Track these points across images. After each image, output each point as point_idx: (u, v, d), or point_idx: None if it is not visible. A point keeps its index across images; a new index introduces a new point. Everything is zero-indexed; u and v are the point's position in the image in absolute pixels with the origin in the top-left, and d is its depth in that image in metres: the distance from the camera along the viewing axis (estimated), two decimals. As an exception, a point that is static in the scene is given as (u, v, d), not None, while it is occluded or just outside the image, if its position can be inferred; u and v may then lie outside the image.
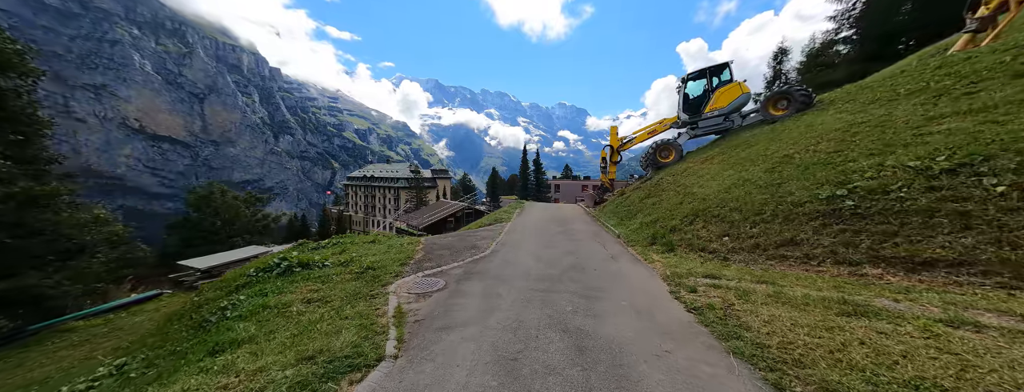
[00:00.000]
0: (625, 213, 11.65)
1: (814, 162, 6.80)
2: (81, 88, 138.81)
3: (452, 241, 9.73)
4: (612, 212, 13.02)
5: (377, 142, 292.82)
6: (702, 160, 11.35)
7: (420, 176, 62.47)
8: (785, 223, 5.82)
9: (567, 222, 12.48)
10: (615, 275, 5.85)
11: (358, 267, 6.61)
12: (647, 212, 10.22)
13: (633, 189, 13.96)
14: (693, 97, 14.45)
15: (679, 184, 10.46)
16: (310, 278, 6.11)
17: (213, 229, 23.82)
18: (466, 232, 11.67)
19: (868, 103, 8.57)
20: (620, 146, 16.91)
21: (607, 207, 14.42)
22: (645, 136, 16.47)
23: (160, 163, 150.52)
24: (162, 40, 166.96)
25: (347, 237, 10.92)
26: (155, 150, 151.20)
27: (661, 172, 13.41)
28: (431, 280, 5.89)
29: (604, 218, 12.51)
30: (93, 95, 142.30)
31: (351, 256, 7.61)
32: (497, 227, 11.92)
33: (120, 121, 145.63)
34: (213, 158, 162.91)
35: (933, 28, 17.86)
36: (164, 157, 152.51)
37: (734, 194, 7.48)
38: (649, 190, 11.99)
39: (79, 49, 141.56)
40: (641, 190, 12.87)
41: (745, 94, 13.16)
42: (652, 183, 12.59)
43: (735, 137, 12.25)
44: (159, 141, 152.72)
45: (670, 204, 9.57)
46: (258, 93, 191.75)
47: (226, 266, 16.29)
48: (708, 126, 14.06)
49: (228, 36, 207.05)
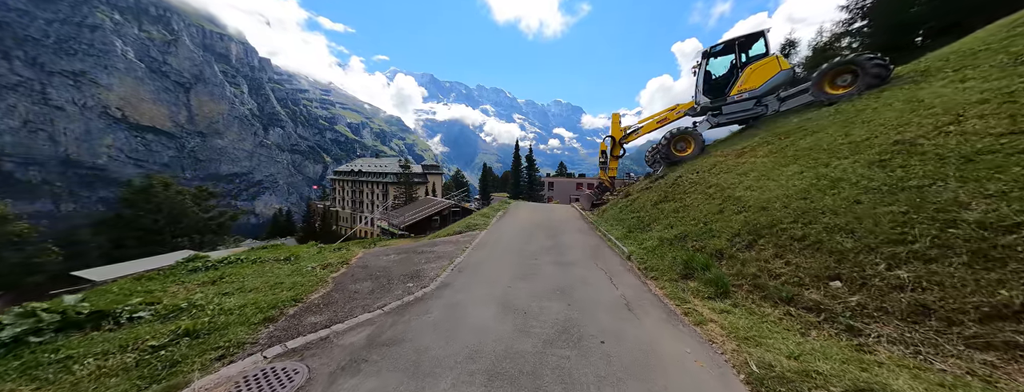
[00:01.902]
0: (634, 221, 8.72)
1: (977, 151, 3.91)
2: (59, 74, 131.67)
3: (391, 263, 6.69)
4: (615, 218, 10.10)
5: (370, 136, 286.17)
6: (737, 153, 8.44)
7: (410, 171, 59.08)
8: (978, 263, 2.92)
9: (558, 231, 9.51)
10: (642, 360, 2.90)
11: (175, 328, 3.57)
12: (667, 222, 7.31)
13: (641, 189, 11.04)
14: (716, 76, 11.49)
15: (709, 184, 7.55)
16: (42, 363, 3.04)
17: (154, 228, 20.36)
18: (422, 244, 8.64)
19: (999, 68, 5.70)
20: (623, 137, 13.93)
21: (608, 211, 11.50)
22: (653, 125, 13.52)
23: (144, 154, 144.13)
24: (145, 26, 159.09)
25: (253, 252, 7.84)
26: (138, 140, 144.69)
27: (677, 169, 10.51)
28: (278, 376, 2.86)
29: (605, 226, 9.59)
30: (72, 82, 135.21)
31: (197, 299, 4.53)
32: (466, 237, 8.91)
33: (101, 110, 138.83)
34: (200, 150, 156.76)
35: (953, 17, 15.36)
36: (148, 148, 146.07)
37: (823, 202, 4.56)
38: (665, 191, 9.08)
39: (57, 33, 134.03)
40: (652, 191, 9.96)
41: (784, 71, 10.24)
42: (667, 182, 9.67)
43: (777, 124, 9.35)
44: (143, 131, 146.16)
45: (703, 212, 6.65)
46: (247, 84, 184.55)
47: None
48: (735, 112, 11.13)
49: (215, 24, 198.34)
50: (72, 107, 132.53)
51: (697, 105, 12.12)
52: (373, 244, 9.68)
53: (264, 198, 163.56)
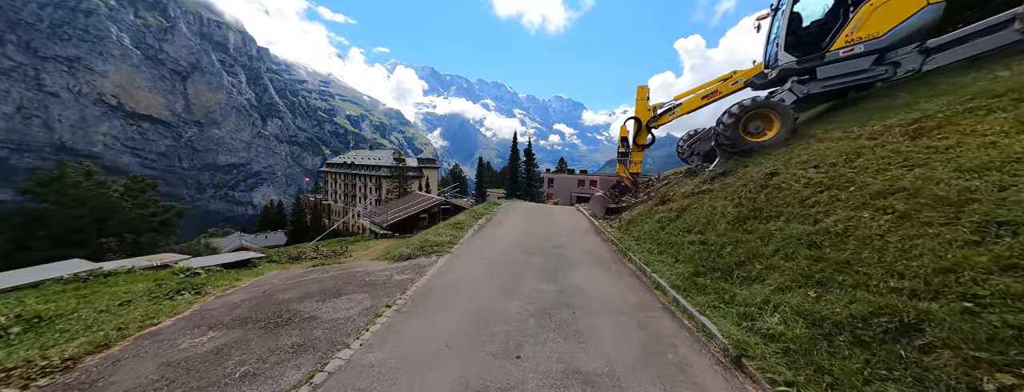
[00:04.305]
0: (698, 252, 4.77)
1: None
2: (53, 60, 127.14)
3: (254, 308, 2.77)
4: (654, 238, 6.17)
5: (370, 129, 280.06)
6: (908, 131, 4.48)
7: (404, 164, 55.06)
8: None
9: (563, 262, 5.58)
10: None
11: None
12: (800, 271, 3.36)
13: (689, 193, 7.04)
14: (809, 22, 7.38)
15: (875, 188, 3.65)
16: None
17: (76, 226, 16.47)
18: (341, 270, 4.70)
19: None
20: (654, 118, 9.85)
21: (635, 222, 7.55)
22: (696, 103, 9.43)
23: (140, 143, 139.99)
24: (141, 13, 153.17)
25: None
26: (134, 129, 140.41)
27: (747, 161, 6.55)
28: None
29: (642, 253, 5.66)
30: (66, 68, 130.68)
31: None
32: (406, 275, 4.98)
33: (96, 97, 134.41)
34: (196, 139, 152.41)
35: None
36: (144, 136, 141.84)
37: None
38: (748, 199, 5.13)
39: (50, 18, 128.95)
40: (714, 196, 6.02)
41: (933, 6, 6.20)
42: (744, 183, 5.71)
43: (934, 85, 5.36)
44: (138, 120, 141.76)
45: (913, 253, 2.72)
46: (245, 73, 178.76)
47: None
48: (839, 76, 7.07)
49: (212, 11, 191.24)
50: (67, 94, 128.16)
51: (768, 69, 8.07)
52: (321, 257, 5.74)
53: (262, 189, 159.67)
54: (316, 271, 5.80)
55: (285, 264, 13.42)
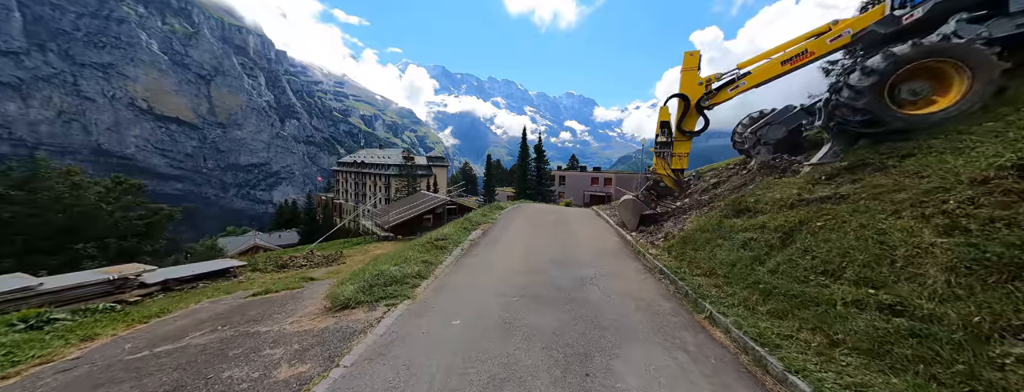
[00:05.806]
0: (908, 342, 2.15)
1: None
2: (90, 66, 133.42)
3: None
4: (740, 276, 3.60)
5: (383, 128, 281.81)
6: None
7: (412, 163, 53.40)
8: None
9: (595, 328, 3.05)
10: None
11: None
12: None
13: (797, 202, 4.35)
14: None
15: None
16: None
17: (51, 231, 15.10)
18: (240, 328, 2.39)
19: None
20: (707, 95, 7.10)
21: (693, 244, 4.95)
22: (773, 71, 6.63)
23: (168, 144, 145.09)
24: (168, 19, 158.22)
25: None
26: (163, 131, 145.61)
27: (909, 147, 3.84)
28: None
29: (730, 304, 3.11)
30: (101, 74, 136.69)
31: None
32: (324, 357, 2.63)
33: (128, 101, 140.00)
34: (220, 141, 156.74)
35: None
36: (172, 138, 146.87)
37: None
38: (963, 212, 2.49)
39: (86, 27, 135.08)
40: (860, 208, 3.39)
41: None
42: (924, 181, 3.07)
43: None
44: (167, 122, 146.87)
45: None
46: (264, 76, 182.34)
47: None
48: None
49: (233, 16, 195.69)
50: (102, 98, 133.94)
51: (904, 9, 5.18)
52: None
53: (281, 188, 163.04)
54: (218, 321, 3.52)
55: (269, 273, 11.47)
